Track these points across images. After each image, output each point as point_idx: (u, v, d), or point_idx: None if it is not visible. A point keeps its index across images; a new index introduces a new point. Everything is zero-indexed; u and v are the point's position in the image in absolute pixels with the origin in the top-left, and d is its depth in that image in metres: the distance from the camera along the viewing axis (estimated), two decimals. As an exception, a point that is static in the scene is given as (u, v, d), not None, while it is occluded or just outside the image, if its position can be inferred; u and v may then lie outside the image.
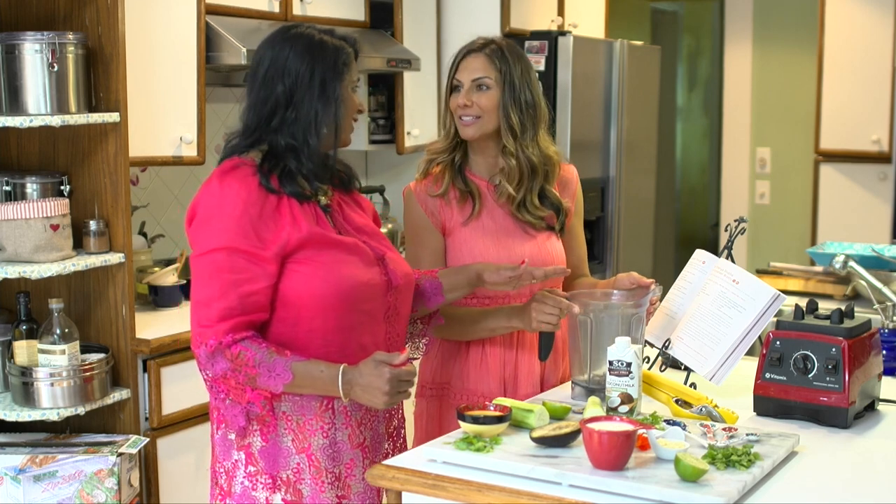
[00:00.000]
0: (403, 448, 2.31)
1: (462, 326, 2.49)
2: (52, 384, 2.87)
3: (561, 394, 2.41)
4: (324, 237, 2.12)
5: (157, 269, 3.59)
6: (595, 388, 2.29)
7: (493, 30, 4.49)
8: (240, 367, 2.02)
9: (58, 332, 2.85)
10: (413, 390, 2.33)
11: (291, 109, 2.13)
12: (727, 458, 1.85)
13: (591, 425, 1.86)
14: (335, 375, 2.05)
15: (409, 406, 2.61)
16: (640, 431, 1.91)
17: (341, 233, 2.20)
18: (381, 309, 2.19)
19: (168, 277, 3.52)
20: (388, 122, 4.41)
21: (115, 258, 3.02)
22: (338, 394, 2.06)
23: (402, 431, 2.35)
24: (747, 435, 1.99)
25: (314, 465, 2.13)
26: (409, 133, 4.41)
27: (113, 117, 2.97)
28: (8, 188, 2.98)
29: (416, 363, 2.63)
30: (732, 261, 2.48)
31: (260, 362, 2.02)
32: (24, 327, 2.94)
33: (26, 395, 2.89)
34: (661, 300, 2.52)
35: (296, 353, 2.06)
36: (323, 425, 2.13)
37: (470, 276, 2.37)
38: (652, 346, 2.52)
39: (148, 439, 3.02)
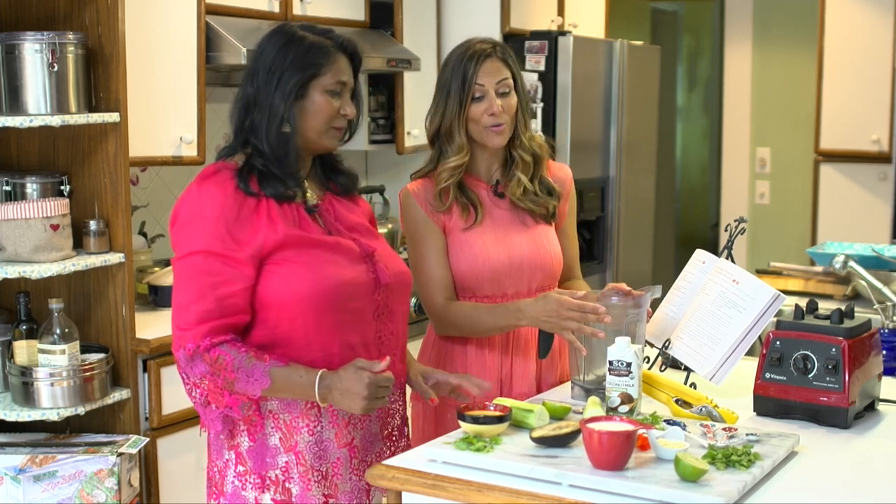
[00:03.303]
0: (406, 448, 2.29)
1: (472, 324, 2.47)
2: (52, 384, 2.87)
3: (561, 394, 2.41)
4: (303, 238, 2.11)
5: (157, 269, 3.59)
6: (594, 388, 2.29)
7: (493, 30, 4.49)
8: (218, 372, 2.02)
9: (58, 332, 2.85)
10: (408, 397, 2.32)
11: (258, 109, 2.13)
12: (727, 458, 1.85)
13: (591, 425, 1.86)
14: (313, 381, 2.03)
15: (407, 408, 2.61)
16: (640, 431, 1.91)
17: (331, 232, 2.18)
18: (370, 307, 2.17)
19: (168, 277, 3.52)
20: (388, 122, 4.41)
21: (115, 258, 3.02)
22: (315, 399, 2.05)
23: (406, 431, 2.34)
24: (747, 435, 1.98)
25: (302, 464, 2.12)
26: (409, 133, 4.41)
27: (113, 117, 2.97)
28: (8, 188, 2.98)
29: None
30: (732, 261, 2.48)
31: (238, 367, 2.02)
32: (24, 327, 2.94)
33: (26, 395, 2.89)
34: (661, 300, 2.52)
35: (276, 355, 2.05)
36: (309, 423, 2.13)
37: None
38: (652, 346, 2.52)
39: (148, 439, 3.02)
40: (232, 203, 2.07)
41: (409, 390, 2.36)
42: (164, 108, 3.35)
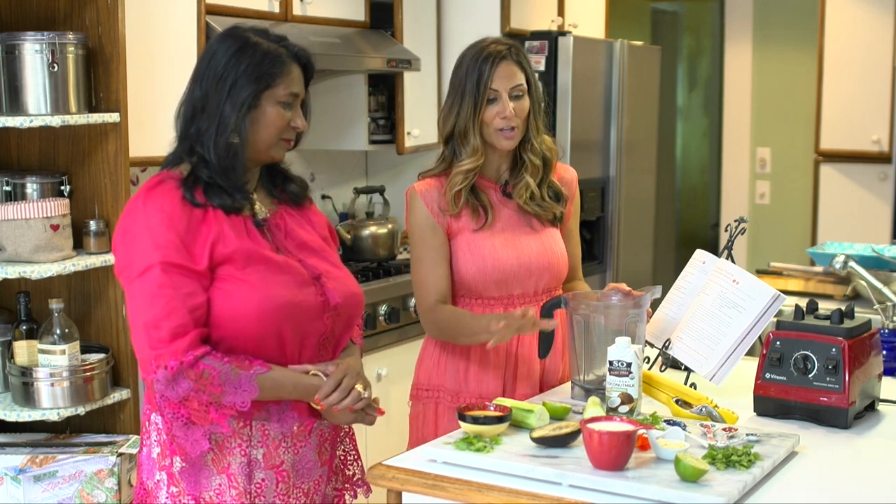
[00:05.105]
0: (351, 484, 2.27)
1: (456, 327, 2.46)
2: (52, 384, 2.86)
3: (561, 394, 2.41)
4: (252, 252, 2.04)
5: (157, 269, 3.58)
6: (594, 388, 2.29)
7: (493, 30, 4.48)
8: (204, 387, 1.95)
9: (58, 332, 2.85)
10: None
11: (206, 116, 2.06)
12: (727, 459, 1.85)
13: (591, 425, 1.86)
14: (306, 383, 2.05)
15: (404, 409, 2.61)
16: (640, 431, 1.91)
17: (279, 250, 2.11)
18: (317, 332, 2.11)
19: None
20: (388, 122, 4.40)
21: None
22: (308, 399, 2.06)
23: (354, 468, 2.28)
24: (747, 435, 1.99)
25: (234, 486, 2.06)
26: (409, 133, 4.41)
27: (113, 117, 2.97)
28: (8, 188, 2.98)
29: (412, 364, 2.63)
30: (732, 261, 2.48)
31: (225, 379, 1.96)
32: (24, 327, 2.94)
33: (26, 395, 2.88)
34: (661, 300, 2.52)
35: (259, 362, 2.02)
36: (241, 443, 2.07)
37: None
38: (652, 346, 2.53)
39: (148, 439, 3.02)
40: (180, 213, 2.00)
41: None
42: (164, 108, 3.31)
